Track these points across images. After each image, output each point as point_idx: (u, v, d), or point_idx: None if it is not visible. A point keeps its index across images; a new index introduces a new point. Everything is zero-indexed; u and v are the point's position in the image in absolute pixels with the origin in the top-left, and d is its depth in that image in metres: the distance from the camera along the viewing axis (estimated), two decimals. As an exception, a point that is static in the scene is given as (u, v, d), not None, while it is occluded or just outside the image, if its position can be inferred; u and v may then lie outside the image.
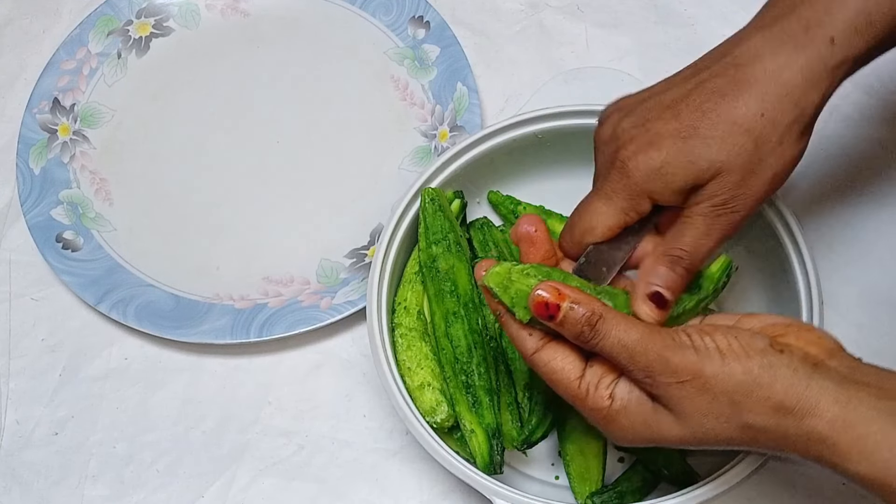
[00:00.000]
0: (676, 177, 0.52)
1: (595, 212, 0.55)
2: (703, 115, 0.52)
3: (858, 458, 0.45)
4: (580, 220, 0.56)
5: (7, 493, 0.70)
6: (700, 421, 0.47)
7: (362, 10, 0.86)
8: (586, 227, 0.55)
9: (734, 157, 0.52)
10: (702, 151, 0.52)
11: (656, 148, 0.52)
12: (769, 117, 0.52)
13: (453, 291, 0.64)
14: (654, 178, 0.53)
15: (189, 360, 0.74)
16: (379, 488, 0.68)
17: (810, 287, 0.61)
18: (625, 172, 0.53)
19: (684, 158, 0.52)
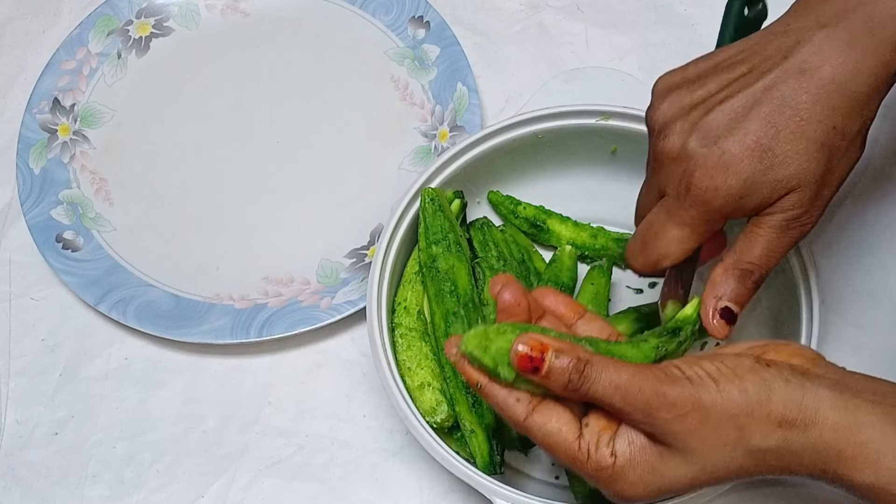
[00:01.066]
0: (754, 200, 0.51)
1: (672, 239, 0.54)
2: (778, 134, 0.50)
3: (863, 465, 0.45)
4: (655, 246, 0.55)
5: (7, 493, 0.70)
6: (708, 454, 0.46)
7: (362, 10, 0.86)
8: (662, 254, 0.55)
9: (810, 174, 0.51)
10: (779, 173, 0.51)
11: (734, 174, 0.51)
12: (840, 129, 0.51)
13: (453, 291, 0.64)
14: (733, 204, 0.52)
15: (189, 360, 0.74)
16: (379, 488, 0.68)
17: (810, 287, 0.61)
18: (703, 201, 0.52)
19: (762, 181, 0.51)
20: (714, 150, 0.51)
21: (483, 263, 0.68)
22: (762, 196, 0.51)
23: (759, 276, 0.53)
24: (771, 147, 0.50)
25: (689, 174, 0.51)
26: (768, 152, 0.50)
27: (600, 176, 0.72)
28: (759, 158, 0.50)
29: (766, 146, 0.50)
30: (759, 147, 0.50)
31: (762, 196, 0.51)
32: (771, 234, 0.52)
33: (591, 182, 0.72)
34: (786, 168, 0.51)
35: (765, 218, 0.52)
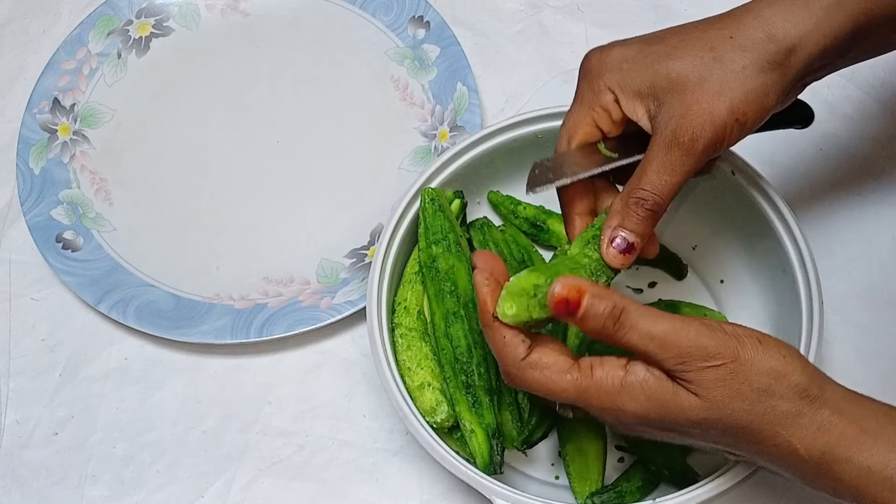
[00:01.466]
0: (634, 74, 0.53)
1: (569, 115, 0.56)
2: (675, 32, 0.53)
3: (861, 448, 0.46)
4: (562, 129, 0.57)
5: (7, 493, 0.70)
6: (724, 404, 0.47)
7: (362, 10, 0.86)
8: (566, 134, 0.56)
9: (690, 69, 0.51)
10: (659, 56, 0.52)
11: (619, 46, 0.54)
12: (737, 40, 0.51)
13: (453, 291, 0.63)
14: (613, 70, 0.53)
15: (189, 360, 0.74)
16: (379, 488, 0.68)
17: (810, 287, 0.61)
18: (586, 67, 0.55)
19: (642, 58, 0.53)
20: (619, 41, 0.55)
21: (483, 263, 0.68)
22: (643, 74, 0.52)
23: (653, 203, 0.52)
24: (663, 38, 0.53)
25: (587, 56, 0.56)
26: (659, 41, 0.53)
27: (600, 176, 0.72)
28: (648, 43, 0.53)
29: (661, 37, 0.53)
30: (655, 37, 0.53)
31: (643, 74, 0.52)
32: (659, 152, 0.52)
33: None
34: (668, 56, 0.52)
35: (653, 138, 0.52)
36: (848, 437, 0.47)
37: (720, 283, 0.71)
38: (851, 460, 0.47)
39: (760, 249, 0.67)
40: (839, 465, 0.47)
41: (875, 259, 0.73)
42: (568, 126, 0.56)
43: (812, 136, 0.78)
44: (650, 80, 0.52)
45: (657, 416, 0.48)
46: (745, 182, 0.64)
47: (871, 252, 0.73)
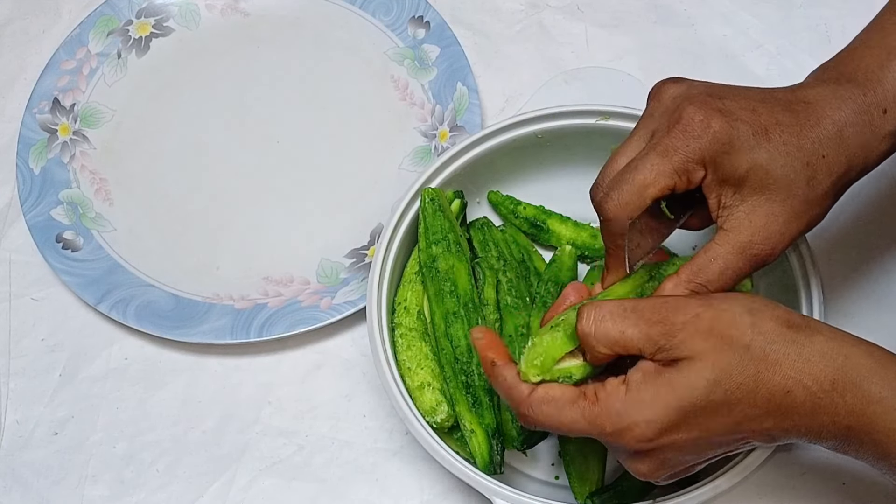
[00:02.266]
0: (737, 158, 0.50)
1: (652, 167, 0.51)
2: (777, 124, 0.51)
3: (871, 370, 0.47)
4: (633, 174, 0.51)
5: (7, 493, 0.70)
6: (716, 358, 0.47)
7: (362, 10, 0.86)
8: (641, 183, 0.51)
9: (786, 181, 0.51)
10: (763, 154, 0.50)
11: (725, 122, 0.50)
12: (827, 161, 0.52)
13: (453, 291, 0.64)
14: (719, 148, 0.50)
15: (189, 360, 0.74)
16: (379, 488, 0.68)
17: (811, 287, 0.61)
18: (691, 131, 0.50)
19: (745, 150, 0.50)
20: (715, 100, 0.51)
21: (483, 263, 0.68)
22: (744, 162, 0.50)
23: (702, 293, 0.52)
24: (767, 129, 0.51)
25: (685, 107, 0.51)
26: (763, 131, 0.51)
27: (600, 176, 0.72)
28: (753, 129, 0.51)
29: (764, 126, 0.51)
30: (758, 122, 0.51)
31: (744, 162, 0.50)
32: (728, 253, 0.51)
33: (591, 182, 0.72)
34: (770, 154, 0.51)
35: (724, 233, 0.52)
36: (855, 360, 0.47)
37: (720, 283, 0.71)
38: (862, 385, 0.47)
39: (760, 249, 0.67)
40: (851, 392, 0.47)
41: (875, 259, 0.73)
42: (646, 176, 0.51)
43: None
44: (747, 173, 0.51)
45: (675, 412, 0.47)
46: (745, 182, 0.64)
47: (871, 252, 0.73)
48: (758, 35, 0.84)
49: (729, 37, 0.84)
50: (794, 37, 0.83)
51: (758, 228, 0.51)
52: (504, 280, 0.68)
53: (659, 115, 0.53)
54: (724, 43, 0.84)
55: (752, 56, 0.83)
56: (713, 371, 0.47)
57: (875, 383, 0.47)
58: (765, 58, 0.82)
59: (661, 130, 0.52)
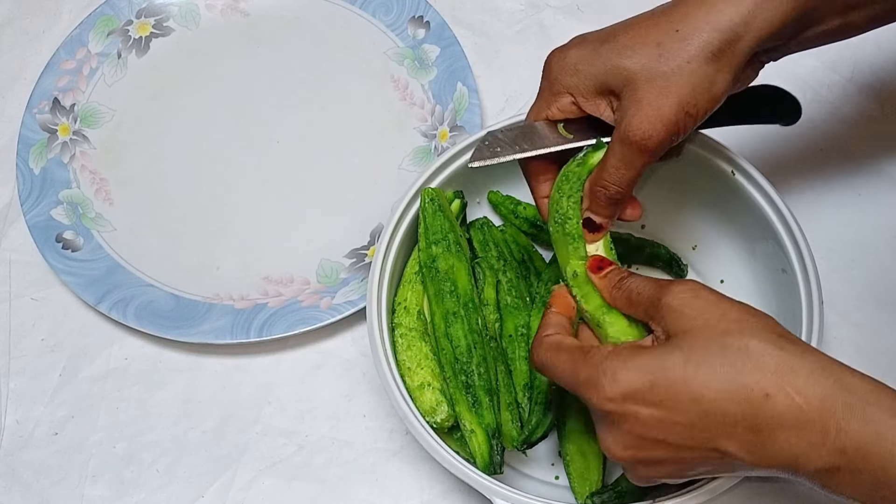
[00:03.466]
0: (587, 75, 0.55)
1: (530, 110, 0.59)
2: (627, 27, 0.55)
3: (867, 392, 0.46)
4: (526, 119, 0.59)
5: (7, 493, 0.70)
6: (702, 345, 0.47)
7: (362, 10, 0.86)
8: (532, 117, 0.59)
9: (640, 67, 0.53)
10: (611, 54, 0.54)
11: (575, 47, 0.56)
12: (682, 33, 0.52)
13: (453, 291, 0.63)
14: (569, 73, 0.56)
15: (189, 360, 0.74)
16: (379, 488, 0.68)
17: (810, 287, 0.61)
18: (547, 68, 0.57)
19: (596, 59, 0.54)
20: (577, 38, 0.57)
21: (483, 263, 0.68)
22: (595, 74, 0.55)
23: (614, 192, 0.56)
24: (615, 34, 0.55)
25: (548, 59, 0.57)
26: (611, 38, 0.55)
27: (600, 176, 0.71)
28: (601, 41, 0.55)
29: (612, 33, 0.55)
30: (607, 34, 0.55)
31: (595, 74, 0.55)
32: (615, 148, 0.54)
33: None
34: (618, 53, 0.54)
35: (614, 132, 0.55)
36: (846, 381, 0.46)
37: (720, 283, 0.71)
38: (856, 406, 0.45)
39: (760, 249, 0.67)
40: (843, 412, 0.45)
41: (875, 259, 0.73)
42: (533, 114, 0.59)
43: (812, 136, 0.78)
44: (605, 78, 0.54)
45: (644, 379, 0.47)
46: (745, 182, 0.64)
47: (870, 252, 0.73)
48: (758, 35, 0.83)
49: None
50: (794, 37, 0.83)
51: (631, 116, 0.53)
52: (504, 280, 0.68)
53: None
54: (724, 43, 0.83)
55: (752, 56, 0.83)
56: (692, 353, 0.47)
57: (871, 404, 0.45)
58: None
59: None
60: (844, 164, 0.77)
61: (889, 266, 0.73)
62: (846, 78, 0.80)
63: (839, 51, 0.81)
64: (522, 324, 0.66)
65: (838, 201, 0.75)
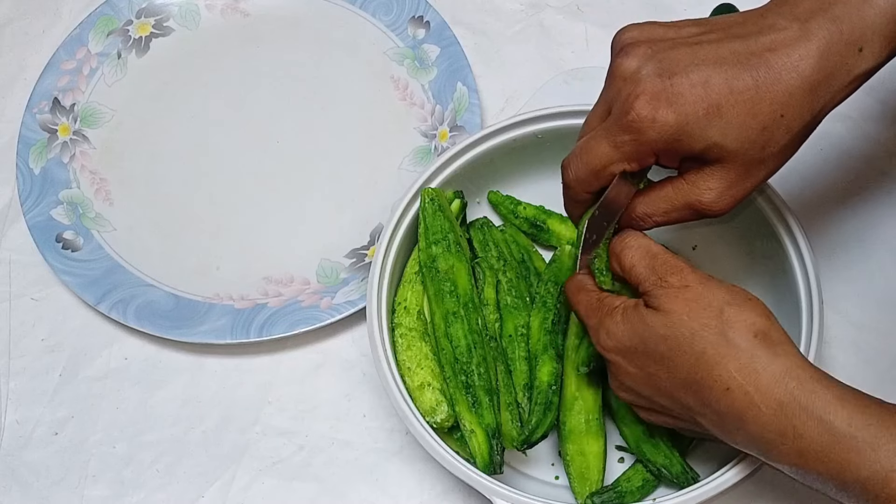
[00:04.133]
0: (688, 143, 0.51)
1: (602, 156, 0.54)
2: (731, 94, 0.50)
3: (825, 401, 0.48)
4: (587, 157, 0.54)
5: (7, 493, 0.70)
6: (685, 320, 0.51)
7: (362, 10, 0.86)
8: (594, 167, 0.54)
9: (743, 152, 0.51)
10: (717, 135, 0.51)
11: (674, 112, 0.50)
12: (787, 120, 0.51)
13: (453, 291, 0.63)
14: (664, 143, 0.52)
15: (189, 360, 0.74)
16: (379, 488, 0.68)
17: (810, 287, 0.61)
18: (637, 127, 0.51)
19: (698, 133, 0.51)
20: (665, 83, 0.51)
21: (483, 263, 0.68)
22: (692, 148, 0.51)
23: (648, 226, 0.57)
24: (720, 105, 0.50)
25: (634, 97, 0.51)
26: (715, 108, 0.50)
27: (600, 176, 0.71)
28: (704, 109, 0.50)
29: (716, 102, 0.50)
30: (709, 99, 0.50)
31: (692, 148, 0.51)
32: (679, 202, 0.54)
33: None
34: (723, 132, 0.51)
35: (682, 188, 0.54)
36: (809, 387, 0.48)
37: (720, 283, 0.71)
38: (813, 412, 0.47)
39: (760, 249, 0.67)
40: (800, 417, 0.48)
41: (875, 259, 0.73)
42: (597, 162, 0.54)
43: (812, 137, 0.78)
44: (702, 153, 0.52)
45: (630, 340, 0.53)
46: (745, 182, 0.64)
47: (870, 252, 0.73)
48: (758, 35, 0.83)
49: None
50: (794, 37, 0.83)
51: (709, 189, 0.53)
52: (504, 280, 0.68)
53: (615, 91, 0.53)
54: (724, 43, 0.83)
55: (752, 56, 0.83)
56: (671, 329, 0.51)
57: (830, 413, 0.47)
58: (765, 58, 0.82)
59: (615, 113, 0.53)
60: (844, 164, 0.77)
61: (889, 266, 0.73)
62: (846, 78, 0.80)
63: None
64: (522, 324, 0.66)
65: (838, 201, 0.75)
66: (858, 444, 0.46)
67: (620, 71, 0.53)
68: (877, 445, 0.46)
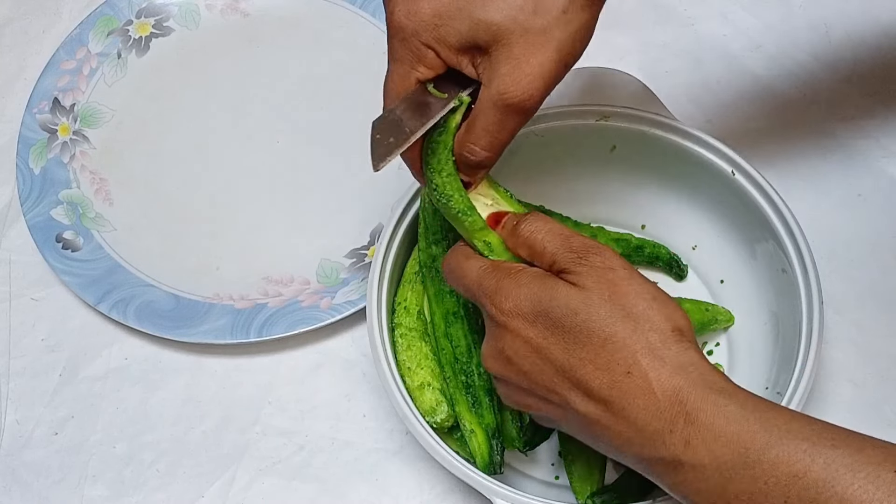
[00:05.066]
0: (451, 30, 0.49)
1: (390, 78, 0.53)
2: None
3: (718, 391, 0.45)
4: (387, 91, 0.54)
5: (7, 493, 0.70)
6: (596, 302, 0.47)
7: (362, 10, 0.86)
8: (393, 94, 0.53)
9: (512, 21, 0.48)
10: (475, 7, 0.48)
11: (428, 4, 0.49)
12: None
13: (453, 291, 0.63)
14: (428, 28, 0.49)
15: (189, 360, 0.74)
16: (379, 488, 0.68)
17: (810, 287, 0.61)
18: (397, 26, 0.50)
19: (457, 12, 0.49)
20: None
21: (483, 263, 0.68)
22: (460, 29, 0.49)
23: (483, 158, 0.53)
24: None
25: (393, 4, 0.50)
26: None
27: (600, 176, 0.72)
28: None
29: None
30: None
31: (460, 29, 0.49)
32: (487, 110, 0.50)
33: (591, 182, 0.72)
34: (484, 6, 0.48)
35: (483, 92, 0.50)
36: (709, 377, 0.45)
37: (720, 283, 0.71)
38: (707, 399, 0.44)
39: (760, 249, 0.67)
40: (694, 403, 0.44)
41: (875, 259, 0.73)
42: (391, 88, 0.53)
43: (812, 136, 0.78)
44: (471, 34, 0.49)
45: (533, 304, 0.48)
46: (745, 182, 0.64)
47: (871, 252, 0.73)
48: (758, 35, 0.84)
49: (729, 37, 0.84)
50: (794, 36, 0.83)
51: (503, 75, 0.49)
52: (504, 280, 0.68)
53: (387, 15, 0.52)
54: (724, 43, 0.84)
55: (752, 56, 0.83)
56: (586, 306, 0.47)
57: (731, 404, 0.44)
58: (765, 58, 0.82)
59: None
60: (844, 164, 0.77)
61: (889, 266, 0.73)
62: (846, 78, 0.80)
63: (839, 51, 0.81)
64: (522, 324, 0.66)
65: (838, 201, 0.75)
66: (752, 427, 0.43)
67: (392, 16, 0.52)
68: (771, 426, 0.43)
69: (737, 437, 0.43)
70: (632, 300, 0.48)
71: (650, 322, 0.47)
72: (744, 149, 0.64)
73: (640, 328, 0.47)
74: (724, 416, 0.44)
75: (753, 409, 0.44)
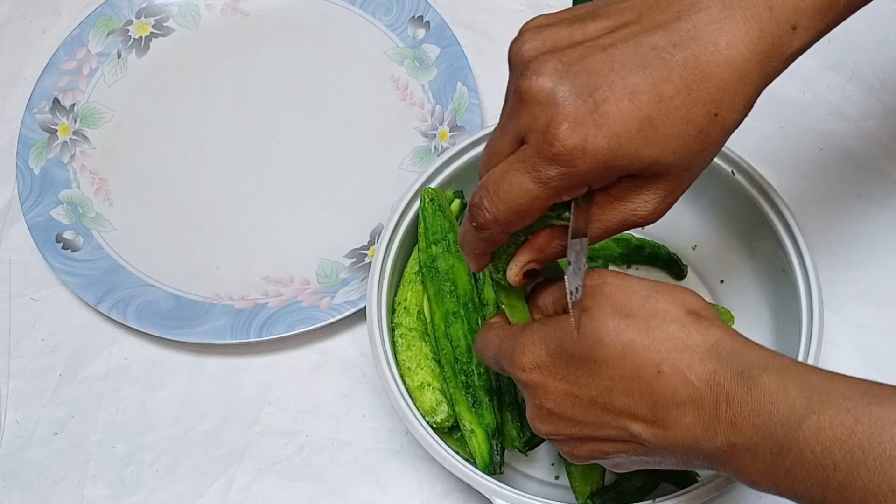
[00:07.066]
0: (621, 170, 0.45)
1: (526, 194, 0.45)
2: (661, 102, 0.43)
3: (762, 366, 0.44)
4: (507, 199, 0.46)
5: (7, 493, 0.70)
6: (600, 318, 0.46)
7: (362, 10, 0.86)
8: (516, 208, 0.46)
9: (679, 160, 0.45)
10: (653, 150, 0.44)
11: (606, 136, 0.43)
12: (721, 118, 0.45)
13: (453, 291, 0.64)
14: (599, 171, 0.44)
15: (189, 360, 0.74)
16: (379, 488, 0.68)
17: (810, 287, 0.61)
18: (567, 160, 0.43)
19: (634, 152, 0.44)
20: (587, 102, 0.43)
21: (483, 263, 0.68)
22: (629, 168, 0.45)
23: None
24: (652, 119, 0.43)
25: (556, 125, 0.43)
26: (648, 123, 0.43)
27: (600, 176, 0.72)
28: (636, 126, 0.43)
29: (648, 116, 0.43)
30: (640, 114, 0.43)
31: (629, 168, 0.45)
32: (611, 221, 0.48)
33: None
34: (662, 149, 0.44)
35: (614, 204, 0.47)
36: (745, 352, 0.44)
37: (720, 283, 0.71)
38: (742, 374, 0.43)
39: (760, 249, 0.67)
40: (731, 384, 0.43)
41: (875, 259, 0.73)
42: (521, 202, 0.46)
43: (812, 136, 0.78)
44: (634, 168, 0.45)
45: (548, 349, 0.48)
46: (745, 182, 0.64)
47: (871, 252, 0.73)
48: (758, 35, 0.83)
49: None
50: (794, 37, 0.83)
51: (644, 202, 0.47)
52: (504, 280, 0.68)
53: (528, 118, 0.45)
54: (724, 43, 0.83)
55: (752, 56, 0.83)
56: (591, 326, 0.46)
57: (764, 374, 0.43)
58: (765, 58, 0.82)
59: (533, 144, 0.44)
60: (844, 164, 0.77)
61: (889, 266, 0.73)
62: (846, 78, 0.80)
63: (839, 51, 0.81)
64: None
65: (838, 201, 0.75)
66: (791, 394, 0.42)
67: (532, 94, 0.44)
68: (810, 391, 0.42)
69: (776, 407, 0.42)
70: (634, 303, 0.47)
71: (661, 315, 0.46)
72: (744, 149, 0.64)
73: (653, 325, 0.46)
74: (760, 389, 0.43)
75: (792, 376, 0.43)
